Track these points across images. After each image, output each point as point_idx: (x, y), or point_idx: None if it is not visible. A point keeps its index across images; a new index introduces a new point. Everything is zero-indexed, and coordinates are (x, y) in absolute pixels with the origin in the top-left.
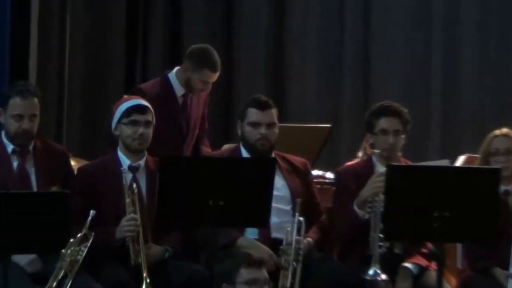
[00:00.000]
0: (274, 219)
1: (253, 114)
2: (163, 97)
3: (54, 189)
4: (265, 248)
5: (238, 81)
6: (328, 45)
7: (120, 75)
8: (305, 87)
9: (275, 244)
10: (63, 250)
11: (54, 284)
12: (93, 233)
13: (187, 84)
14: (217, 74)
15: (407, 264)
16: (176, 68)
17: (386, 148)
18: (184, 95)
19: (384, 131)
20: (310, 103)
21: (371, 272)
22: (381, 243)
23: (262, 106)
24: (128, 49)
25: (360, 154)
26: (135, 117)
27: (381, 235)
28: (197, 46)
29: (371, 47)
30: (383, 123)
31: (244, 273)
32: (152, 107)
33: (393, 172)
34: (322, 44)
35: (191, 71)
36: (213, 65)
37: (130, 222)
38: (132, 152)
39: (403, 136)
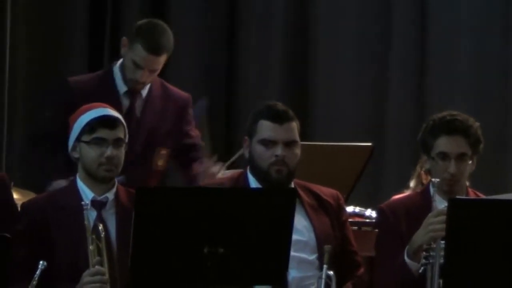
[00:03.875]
0: (293, 273)
1: (266, 128)
2: (99, 95)
3: None
4: None
5: (244, 84)
6: (369, 39)
7: (82, 64)
8: (338, 92)
9: None
10: None
11: None
12: None
13: (122, 69)
14: (155, 58)
15: None
16: None
17: (446, 179)
18: (130, 94)
19: (444, 156)
20: (345, 114)
21: None
22: None
23: (279, 118)
24: (92, 27)
25: (412, 184)
26: (101, 133)
27: None
28: (145, 20)
29: (428, 41)
30: (443, 144)
31: None
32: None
33: (457, 209)
34: (360, 38)
35: (127, 48)
36: (149, 42)
37: (95, 278)
38: (97, 181)
39: (471, 162)
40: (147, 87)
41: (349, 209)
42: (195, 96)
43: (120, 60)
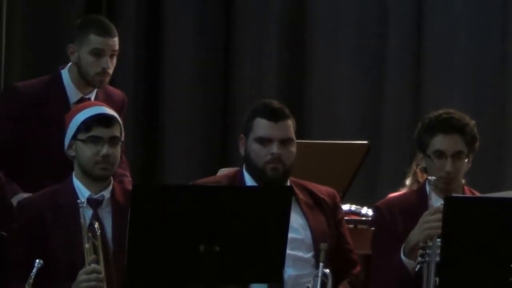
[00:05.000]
0: (289, 272)
1: (261, 126)
2: (49, 103)
3: None
4: None
5: (239, 82)
6: (366, 35)
7: None
8: (333, 89)
9: None
10: None
11: None
12: None
13: (81, 74)
14: (110, 40)
15: None
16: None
17: (442, 177)
18: (80, 102)
19: (440, 154)
20: (341, 112)
21: None
22: None
23: (275, 116)
24: None
25: (408, 182)
26: (97, 131)
27: None
28: (80, 19)
29: (425, 39)
30: (439, 142)
31: None
32: (31, 117)
33: (453, 207)
34: (357, 34)
35: (78, 50)
36: (99, 28)
37: (91, 276)
38: (93, 179)
39: (467, 160)
40: (94, 92)
41: (345, 207)
42: (192, 98)
43: (68, 66)
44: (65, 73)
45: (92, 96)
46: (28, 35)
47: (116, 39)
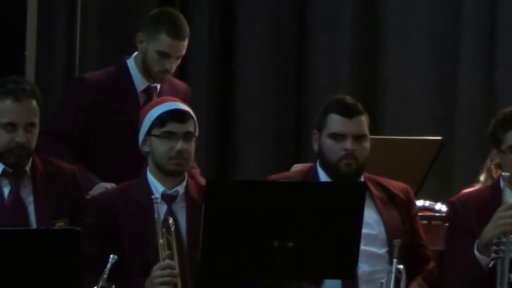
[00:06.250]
0: (363, 267)
1: (335, 122)
2: (117, 92)
3: (60, 224)
4: None
5: (312, 79)
6: (440, 30)
7: None
8: (407, 85)
9: None
10: None
11: None
12: (113, 286)
13: (145, 65)
14: (180, 44)
15: None
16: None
17: None
18: (147, 90)
19: None
20: (414, 108)
21: None
22: None
23: (348, 112)
24: None
25: (482, 177)
26: (171, 127)
27: None
28: (156, 10)
29: (499, 33)
30: None
31: None
32: (99, 107)
33: None
34: (432, 29)
35: (146, 42)
36: (171, 29)
37: (165, 272)
38: (167, 175)
39: None
40: None
41: (419, 203)
42: (265, 93)
43: (134, 55)
44: (131, 63)
45: (158, 86)
46: (102, 28)
47: (185, 43)
